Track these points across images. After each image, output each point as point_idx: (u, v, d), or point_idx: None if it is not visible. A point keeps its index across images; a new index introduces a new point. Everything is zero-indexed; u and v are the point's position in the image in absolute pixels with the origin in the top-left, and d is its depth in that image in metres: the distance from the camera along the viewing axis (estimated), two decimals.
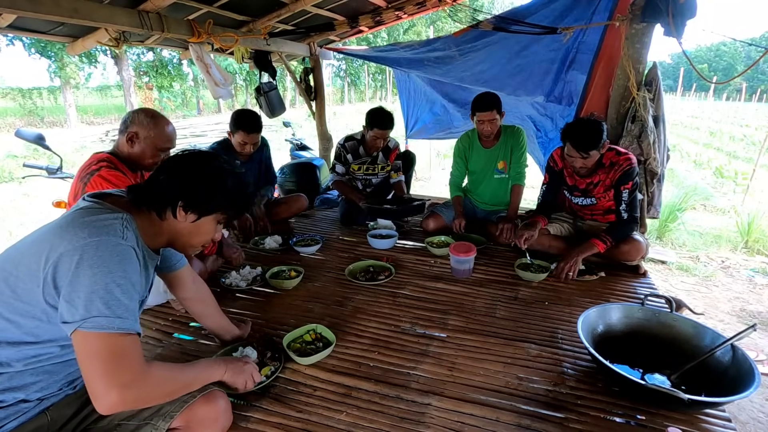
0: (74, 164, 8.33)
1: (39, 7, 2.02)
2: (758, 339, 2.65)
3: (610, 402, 1.34)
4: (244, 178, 1.11)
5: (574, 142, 2.02)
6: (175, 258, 1.32)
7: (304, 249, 2.57)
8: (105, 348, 0.83)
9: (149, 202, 1.02)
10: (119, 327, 0.84)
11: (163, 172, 1.03)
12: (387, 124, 2.85)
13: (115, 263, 0.86)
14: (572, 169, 2.25)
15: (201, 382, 1.08)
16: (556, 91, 2.99)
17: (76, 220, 0.90)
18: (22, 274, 0.87)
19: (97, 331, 0.83)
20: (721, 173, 7.74)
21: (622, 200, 2.13)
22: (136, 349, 0.88)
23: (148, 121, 1.65)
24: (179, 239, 1.09)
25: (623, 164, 2.09)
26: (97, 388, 0.82)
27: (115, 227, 0.90)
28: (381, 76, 26.20)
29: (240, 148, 2.55)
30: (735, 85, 39.07)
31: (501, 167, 2.78)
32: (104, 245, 0.86)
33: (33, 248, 0.88)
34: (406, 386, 1.42)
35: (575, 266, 2.15)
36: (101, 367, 0.82)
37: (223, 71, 3.15)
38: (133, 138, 1.65)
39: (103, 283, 0.83)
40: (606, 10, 2.51)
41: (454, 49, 3.06)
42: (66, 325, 0.83)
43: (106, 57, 15.48)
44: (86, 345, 0.83)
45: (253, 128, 2.50)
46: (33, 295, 0.86)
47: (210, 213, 1.06)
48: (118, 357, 0.84)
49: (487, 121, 2.56)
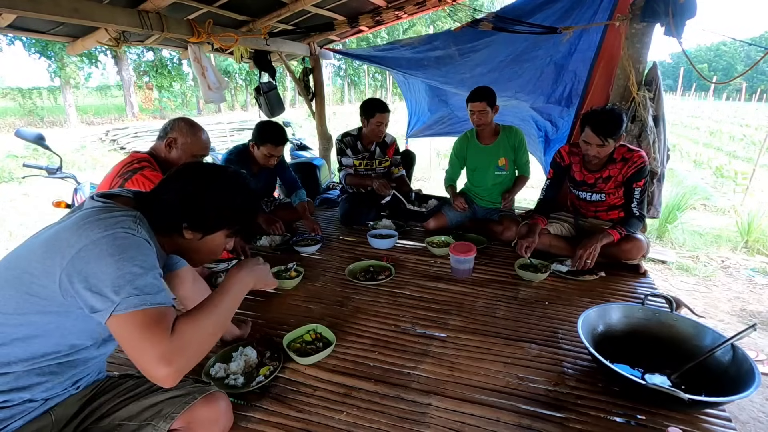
0: (74, 164, 8.33)
1: (39, 7, 2.02)
2: (758, 339, 2.65)
3: (610, 402, 1.34)
4: (249, 190, 1.08)
5: (595, 125, 2.01)
6: (175, 257, 1.32)
7: (304, 249, 2.57)
8: (142, 323, 0.84)
9: (154, 219, 1.01)
10: (152, 302, 0.86)
11: (166, 192, 1.02)
12: (385, 107, 2.89)
13: (134, 249, 0.88)
14: (581, 164, 2.26)
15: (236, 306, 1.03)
16: (557, 93, 2.99)
17: (90, 217, 0.90)
18: (36, 271, 0.87)
19: (132, 310, 0.84)
20: (721, 173, 7.74)
21: (634, 198, 2.15)
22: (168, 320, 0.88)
23: (187, 129, 1.75)
24: (187, 254, 1.10)
25: (637, 161, 2.10)
26: (147, 367, 0.84)
27: (128, 222, 0.91)
28: (381, 76, 26.18)
29: (265, 161, 2.55)
30: (735, 85, 39.07)
31: (502, 164, 2.78)
32: (120, 236, 0.88)
33: (47, 245, 0.88)
34: (406, 386, 1.42)
35: (594, 253, 2.11)
36: (143, 345, 0.83)
37: (219, 75, 3.14)
38: (171, 143, 1.74)
39: (126, 269, 0.85)
40: (606, 10, 2.51)
41: (454, 48, 3.06)
42: (98, 313, 0.84)
43: (106, 57, 15.50)
44: (125, 327, 0.84)
45: (281, 141, 2.51)
46: (48, 291, 0.87)
47: (217, 230, 1.06)
48: (153, 330, 0.84)
49: (477, 112, 2.61)
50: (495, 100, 2.61)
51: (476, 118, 2.65)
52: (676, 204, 4.76)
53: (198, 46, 2.99)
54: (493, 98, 2.60)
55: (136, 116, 15.94)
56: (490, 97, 2.58)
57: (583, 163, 2.27)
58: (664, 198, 2.82)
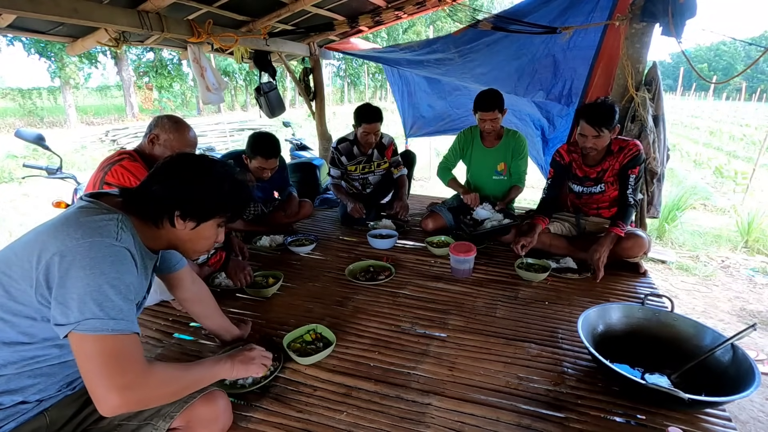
0: (74, 164, 8.33)
1: (39, 7, 2.02)
2: (758, 338, 2.65)
3: (610, 402, 1.34)
4: (239, 177, 1.09)
5: (588, 117, 2.07)
6: (175, 259, 1.31)
7: (298, 249, 2.56)
8: (101, 350, 0.82)
9: (144, 212, 1.00)
10: (113, 329, 0.83)
11: (155, 182, 1.00)
12: (373, 117, 2.76)
13: (108, 264, 0.85)
14: (581, 159, 2.28)
15: (207, 381, 1.06)
16: (556, 89, 2.98)
17: (70, 219, 0.89)
18: (15, 274, 0.86)
19: (92, 333, 0.81)
20: (720, 173, 7.74)
21: (629, 184, 2.18)
22: (134, 350, 0.86)
23: (170, 126, 1.75)
24: (181, 245, 1.08)
25: (632, 149, 2.15)
26: (97, 390, 0.82)
27: (110, 228, 0.89)
28: (380, 76, 26.15)
29: (258, 173, 2.41)
30: (735, 85, 39.06)
31: (500, 169, 2.77)
32: (97, 246, 0.85)
33: (26, 248, 0.87)
34: (406, 386, 1.42)
35: (605, 256, 2.13)
36: (99, 370, 0.82)
37: (218, 76, 3.12)
38: (154, 140, 1.75)
39: (96, 285, 0.82)
40: (606, 10, 2.51)
41: (454, 50, 3.05)
42: (59, 327, 0.82)
43: (105, 57, 15.49)
44: (82, 347, 0.82)
45: (272, 153, 2.34)
46: (26, 296, 0.85)
47: (209, 218, 1.05)
48: (115, 358, 0.83)
49: (488, 120, 2.58)
50: (503, 104, 2.56)
51: (488, 126, 2.61)
52: (676, 204, 4.76)
53: (198, 46, 2.99)
54: (502, 102, 2.55)
55: (136, 116, 15.93)
56: (500, 103, 2.54)
57: (582, 159, 2.29)
58: (664, 198, 2.82)
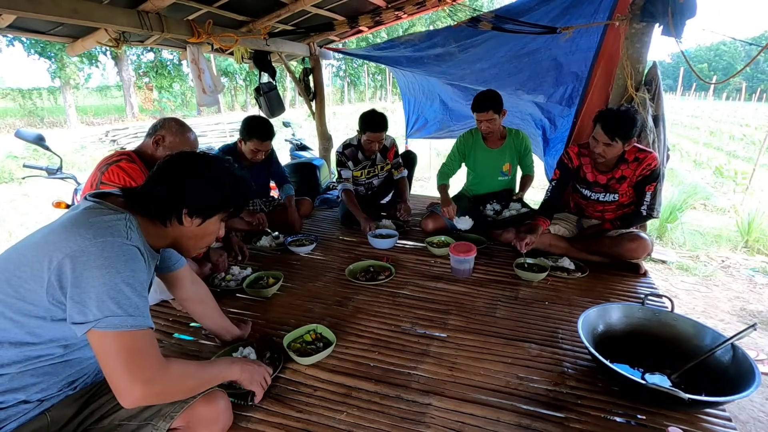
0: (74, 165, 8.34)
1: (39, 7, 2.03)
2: (758, 338, 2.65)
3: (610, 402, 1.34)
4: (238, 172, 1.12)
5: (605, 123, 1.99)
6: (174, 258, 1.32)
7: (298, 249, 2.56)
8: (121, 346, 0.86)
9: (150, 212, 1.03)
10: (132, 325, 0.87)
11: (160, 181, 1.03)
12: (379, 126, 2.74)
13: (122, 263, 0.88)
14: (593, 165, 2.25)
15: (219, 380, 1.12)
16: (557, 94, 2.99)
17: (79, 220, 0.90)
18: (25, 274, 0.87)
19: (112, 330, 0.85)
20: (720, 173, 7.73)
21: (645, 201, 2.17)
22: (151, 345, 0.91)
23: (177, 129, 1.78)
24: (185, 242, 1.11)
25: (651, 163, 2.10)
26: (120, 384, 0.86)
27: (119, 228, 0.91)
28: (380, 76, 26.18)
29: (252, 156, 2.58)
30: (735, 85, 39.06)
31: (505, 170, 2.77)
32: (110, 246, 0.88)
33: (36, 249, 0.88)
34: (406, 386, 1.42)
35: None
36: (121, 365, 0.85)
37: (215, 79, 3.13)
38: (159, 141, 1.76)
39: (112, 283, 0.85)
40: (606, 10, 2.50)
41: (454, 45, 3.04)
42: (78, 326, 0.85)
43: (106, 57, 15.49)
44: (103, 344, 0.86)
45: (267, 136, 2.53)
46: (36, 296, 0.86)
47: (215, 214, 1.09)
48: (136, 354, 0.87)
49: (484, 121, 2.57)
50: (501, 105, 2.53)
51: (484, 126, 2.59)
52: (676, 204, 4.75)
53: (197, 47, 2.99)
54: (500, 103, 2.53)
55: (135, 117, 15.94)
56: (497, 104, 2.51)
57: (594, 163, 2.25)
58: (664, 198, 2.82)
